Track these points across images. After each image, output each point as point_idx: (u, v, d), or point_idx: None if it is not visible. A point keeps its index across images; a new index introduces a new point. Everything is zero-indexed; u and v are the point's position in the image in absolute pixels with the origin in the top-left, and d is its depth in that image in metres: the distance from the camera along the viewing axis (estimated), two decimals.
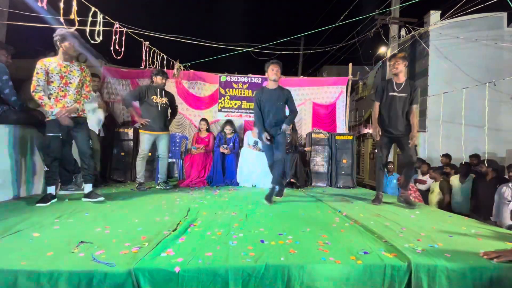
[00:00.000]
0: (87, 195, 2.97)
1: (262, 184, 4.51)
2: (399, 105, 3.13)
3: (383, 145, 3.27)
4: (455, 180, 4.94)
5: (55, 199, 2.86)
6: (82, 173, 3.03)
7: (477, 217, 4.07)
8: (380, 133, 3.21)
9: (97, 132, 4.13)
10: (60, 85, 2.80)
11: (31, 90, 2.67)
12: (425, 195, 5.25)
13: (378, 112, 3.24)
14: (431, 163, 6.26)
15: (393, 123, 3.16)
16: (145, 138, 3.85)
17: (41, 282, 1.31)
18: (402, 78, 3.15)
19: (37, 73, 2.70)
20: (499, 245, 1.87)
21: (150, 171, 4.82)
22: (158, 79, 3.91)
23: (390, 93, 3.15)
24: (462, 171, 4.86)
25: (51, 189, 2.85)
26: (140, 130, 3.90)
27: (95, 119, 4.10)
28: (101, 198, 2.96)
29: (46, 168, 2.85)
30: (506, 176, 4.60)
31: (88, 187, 2.99)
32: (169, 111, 4.18)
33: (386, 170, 5.07)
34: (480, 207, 4.31)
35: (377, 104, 3.27)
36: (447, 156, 5.91)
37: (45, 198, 2.77)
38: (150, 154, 4.22)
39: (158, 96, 3.89)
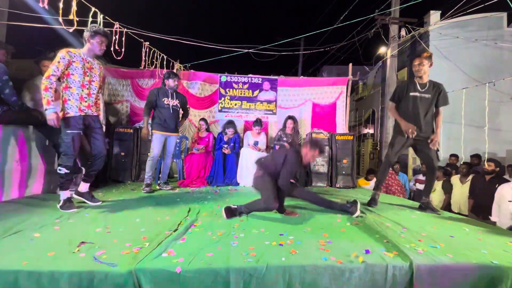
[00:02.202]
0: (83, 195, 2.82)
1: None
2: (422, 106, 2.96)
3: (398, 145, 3.07)
4: (455, 180, 4.93)
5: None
6: (88, 169, 2.85)
7: (475, 216, 4.07)
8: (414, 133, 2.94)
9: None
10: (84, 82, 2.65)
11: (45, 76, 2.45)
12: None
13: (399, 113, 3.07)
14: None
15: (415, 125, 2.96)
16: (157, 139, 3.81)
17: (42, 282, 1.31)
18: (425, 78, 3.00)
19: (58, 62, 2.49)
20: (499, 245, 1.87)
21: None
22: (170, 82, 3.89)
23: (411, 93, 2.99)
24: (462, 171, 4.85)
25: (67, 193, 2.65)
26: (152, 131, 3.88)
27: None
28: (99, 202, 2.87)
29: (66, 170, 2.59)
30: (506, 176, 4.60)
31: (85, 187, 2.84)
32: (181, 112, 4.17)
33: (392, 169, 5.07)
34: (478, 206, 4.31)
35: (393, 105, 3.11)
36: (455, 156, 5.93)
37: (70, 203, 2.61)
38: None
39: (170, 98, 3.88)
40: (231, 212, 2.48)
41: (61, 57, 2.51)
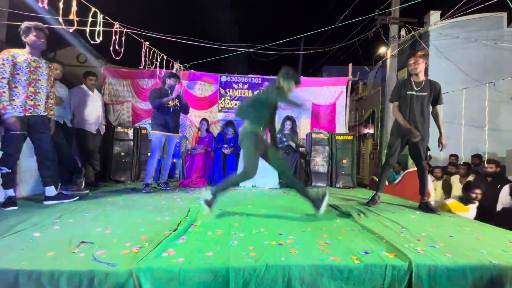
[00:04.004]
0: (54, 198, 2.82)
1: (263, 184, 4.52)
2: (418, 104, 2.98)
3: (395, 146, 3.09)
4: (455, 180, 4.93)
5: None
6: (43, 174, 2.82)
7: (477, 217, 4.06)
8: (419, 137, 2.94)
9: (94, 132, 4.10)
10: (30, 80, 2.63)
11: None
12: None
13: (401, 114, 3.07)
14: (431, 163, 6.27)
15: (411, 124, 2.98)
16: (157, 138, 3.81)
17: (42, 282, 1.31)
18: (421, 77, 3.02)
19: (3, 64, 2.48)
20: (499, 245, 1.87)
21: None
22: (171, 81, 3.90)
23: (408, 92, 3.01)
24: (462, 172, 4.86)
25: (11, 192, 2.61)
26: (152, 131, 3.88)
27: (92, 119, 4.05)
28: (74, 198, 2.91)
29: (8, 170, 2.56)
30: (510, 177, 4.59)
31: (51, 191, 2.83)
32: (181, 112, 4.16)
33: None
34: (480, 207, 4.30)
35: (395, 104, 3.12)
36: (455, 156, 5.94)
37: (12, 201, 2.56)
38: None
39: None
40: (210, 202, 2.46)
41: (3, 58, 2.52)
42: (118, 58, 4.01)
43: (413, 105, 2.99)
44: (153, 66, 5.16)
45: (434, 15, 7.77)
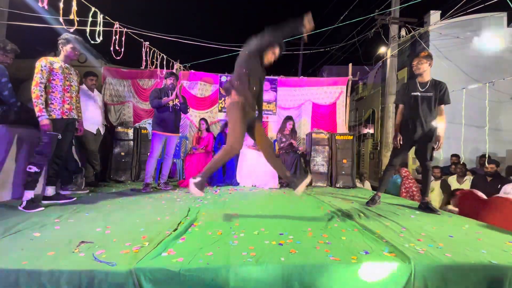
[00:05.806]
0: (52, 198, 2.88)
1: (263, 184, 4.52)
2: (423, 105, 2.95)
3: (400, 149, 3.07)
4: (452, 180, 4.94)
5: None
6: (50, 172, 2.91)
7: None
8: (401, 142, 3.02)
9: (94, 132, 4.10)
10: (65, 86, 2.83)
11: (33, 85, 2.60)
12: None
13: (401, 120, 3.08)
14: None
15: (416, 126, 2.96)
16: (157, 138, 3.81)
17: (42, 282, 1.31)
18: (426, 77, 2.99)
19: (41, 70, 2.66)
20: (499, 245, 1.87)
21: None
22: (167, 81, 3.94)
23: (413, 93, 2.98)
24: (460, 172, 4.87)
25: (31, 194, 2.60)
26: (152, 131, 3.87)
27: (92, 119, 4.05)
28: (72, 199, 2.95)
29: (37, 170, 2.61)
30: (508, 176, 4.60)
31: (51, 190, 2.92)
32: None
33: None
34: None
35: (400, 107, 3.10)
36: (456, 156, 5.96)
37: (35, 203, 2.58)
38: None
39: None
40: (200, 185, 2.26)
41: (42, 65, 2.67)
42: (118, 58, 4.02)
43: (419, 106, 2.97)
44: (154, 66, 5.16)
45: (434, 15, 7.78)
